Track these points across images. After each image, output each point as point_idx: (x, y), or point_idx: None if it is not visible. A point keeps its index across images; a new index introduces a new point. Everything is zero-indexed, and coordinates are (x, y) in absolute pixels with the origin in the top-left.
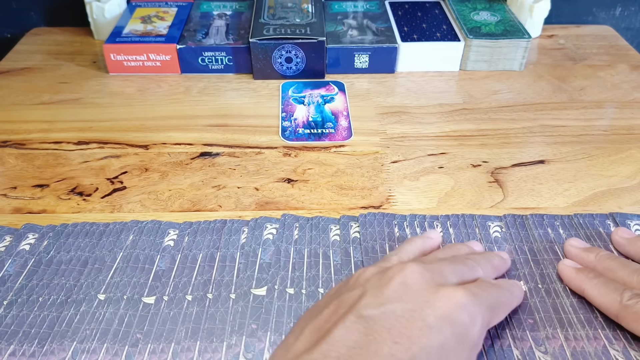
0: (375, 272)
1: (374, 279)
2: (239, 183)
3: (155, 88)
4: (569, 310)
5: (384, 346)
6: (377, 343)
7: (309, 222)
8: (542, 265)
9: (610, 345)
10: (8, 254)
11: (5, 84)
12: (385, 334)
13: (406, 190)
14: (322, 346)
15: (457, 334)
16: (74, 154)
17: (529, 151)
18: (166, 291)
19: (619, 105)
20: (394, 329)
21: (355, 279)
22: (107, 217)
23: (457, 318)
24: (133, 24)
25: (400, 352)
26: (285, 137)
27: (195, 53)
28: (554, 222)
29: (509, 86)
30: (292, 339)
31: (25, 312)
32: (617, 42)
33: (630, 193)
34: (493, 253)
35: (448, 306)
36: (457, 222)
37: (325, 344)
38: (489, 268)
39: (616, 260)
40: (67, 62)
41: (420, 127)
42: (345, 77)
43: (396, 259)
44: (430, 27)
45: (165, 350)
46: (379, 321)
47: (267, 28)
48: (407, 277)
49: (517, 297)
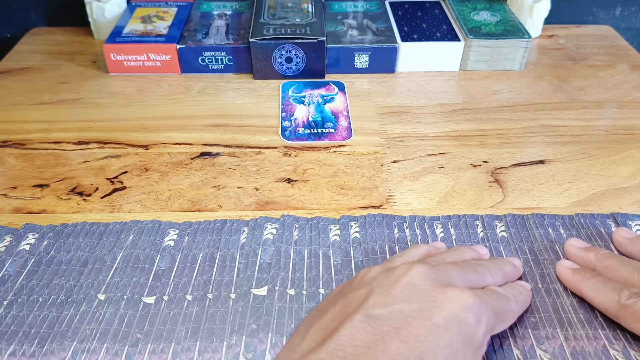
0: (381, 271)
1: (380, 277)
2: (239, 183)
3: (155, 88)
4: (568, 310)
5: (391, 345)
6: (384, 342)
7: (309, 222)
8: (542, 265)
9: (610, 345)
10: (8, 254)
11: (5, 84)
12: (393, 333)
13: (406, 190)
14: (328, 345)
15: (463, 334)
16: (74, 154)
17: (529, 151)
18: (166, 291)
19: (619, 105)
20: (401, 329)
21: (361, 278)
22: (107, 217)
23: (464, 318)
24: (133, 24)
25: (407, 351)
26: (285, 137)
27: (195, 53)
28: (554, 221)
29: (509, 86)
30: (298, 339)
31: (25, 312)
32: (617, 42)
33: (631, 193)
34: (505, 260)
35: (455, 306)
36: (458, 222)
37: (331, 343)
38: (499, 276)
39: (617, 259)
40: (67, 62)
41: (420, 127)
42: (345, 77)
43: (401, 261)
44: (430, 27)
45: (165, 350)
46: (386, 320)
47: (267, 28)
48: (414, 277)
49: (523, 304)
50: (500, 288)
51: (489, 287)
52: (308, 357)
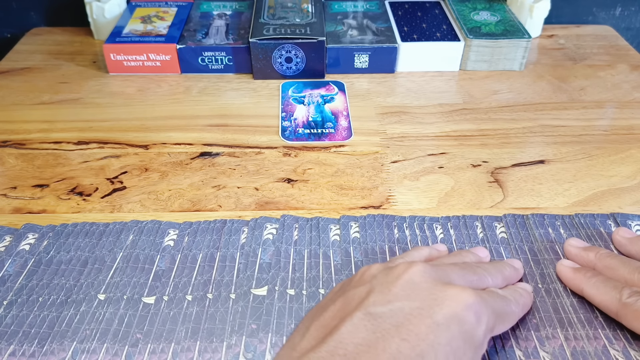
0: (381, 269)
1: (381, 275)
2: (239, 183)
3: (155, 88)
4: (569, 309)
5: (392, 343)
6: (384, 340)
7: (309, 222)
8: (542, 265)
9: (610, 345)
10: (8, 254)
11: (5, 84)
12: (393, 331)
13: (406, 190)
14: (328, 343)
15: (464, 332)
16: (74, 154)
17: (529, 151)
18: (166, 291)
19: (619, 105)
20: (402, 327)
21: (360, 275)
22: (107, 217)
23: (465, 317)
24: (133, 24)
25: (408, 349)
26: (285, 137)
27: (195, 53)
28: (554, 221)
29: (509, 86)
30: (298, 337)
31: (25, 312)
32: (617, 42)
33: (630, 193)
34: (505, 263)
35: (456, 305)
36: (458, 223)
37: (332, 342)
38: (499, 279)
39: (616, 258)
40: (67, 62)
41: (420, 127)
42: (345, 77)
43: (401, 261)
44: (430, 27)
45: (165, 350)
46: (387, 319)
47: (267, 28)
48: (415, 275)
49: (524, 306)
50: (500, 290)
51: (490, 289)
52: (308, 355)
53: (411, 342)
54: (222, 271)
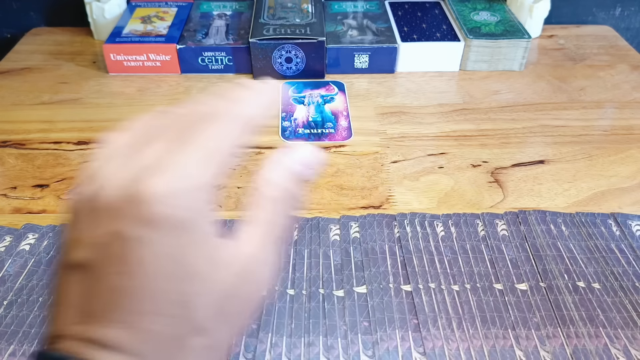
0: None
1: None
2: (239, 183)
3: (155, 88)
4: (570, 307)
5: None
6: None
7: (309, 222)
8: (544, 261)
9: (612, 344)
10: (8, 254)
11: (5, 84)
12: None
13: (406, 190)
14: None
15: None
16: (74, 154)
17: (529, 151)
18: None
19: (619, 105)
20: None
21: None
22: None
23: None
24: (133, 24)
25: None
26: (285, 137)
27: (195, 53)
28: (556, 219)
29: (509, 86)
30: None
31: (25, 312)
32: (617, 42)
33: (630, 193)
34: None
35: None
36: (459, 221)
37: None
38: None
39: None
40: (67, 62)
41: (420, 127)
42: (345, 77)
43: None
44: (430, 27)
45: None
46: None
47: (267, 28)
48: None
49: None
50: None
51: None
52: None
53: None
54: None
